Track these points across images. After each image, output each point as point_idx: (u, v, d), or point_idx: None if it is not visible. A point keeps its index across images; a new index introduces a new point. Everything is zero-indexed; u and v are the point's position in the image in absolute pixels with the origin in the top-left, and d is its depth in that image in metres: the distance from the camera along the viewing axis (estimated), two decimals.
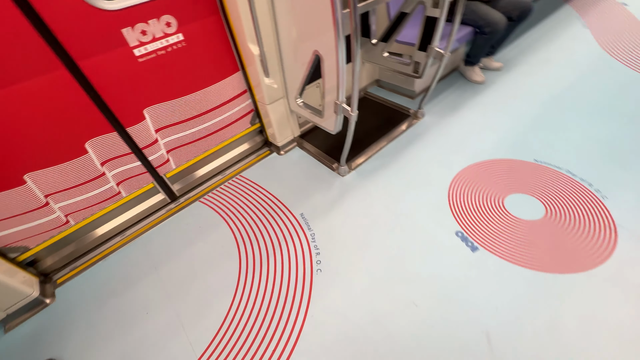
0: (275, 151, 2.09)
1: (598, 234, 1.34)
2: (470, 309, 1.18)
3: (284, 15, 1.44)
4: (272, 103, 1.79)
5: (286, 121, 1.96)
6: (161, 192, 1.79)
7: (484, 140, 1.88)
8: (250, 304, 1.32)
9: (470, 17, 2.04)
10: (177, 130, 1.67)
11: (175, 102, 1.58)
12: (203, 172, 1.93)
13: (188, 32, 1.44)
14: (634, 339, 1.04)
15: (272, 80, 1.71)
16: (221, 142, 1.92)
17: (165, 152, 1.69)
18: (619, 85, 2.13)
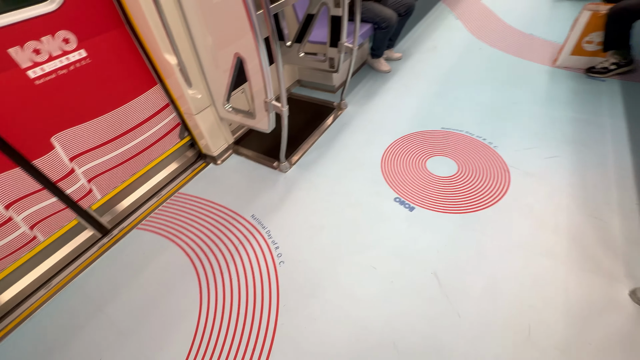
0: (212, 162, 2.04)
1: (497, 176, 1.66)
2: (419, 258, 1.36)
3: (198, 22, 1.44)
4: (199, 113, 1.76)
5: (218, 130, 1.94)
6: (89, 227, 1.60)
7: (400, 118, 2.15)
8: (219, 313, 1.29)
9: (368, 15, 2.31)
10: (96, 155, 1.53)
11: (88, 125, 1.44)
12: (135, 197, 1.78)
13: (91, 47, 1.33)
14: (535, 245, 1.33)
15: (195, 90, 1.69)
16: (150, 162, 1.80)
17: (86, 182, 1.52)
18: (488, 60, 2.65)
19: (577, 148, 1.74)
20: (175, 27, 1.45)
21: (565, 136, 1.82)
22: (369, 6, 2.31)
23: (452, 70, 2.61)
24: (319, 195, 1.71)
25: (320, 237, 1.50)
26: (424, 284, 1.27)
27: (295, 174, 1.87)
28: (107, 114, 1.49)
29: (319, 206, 1.65)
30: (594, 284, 1.19)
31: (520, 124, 1.96)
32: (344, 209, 1.61)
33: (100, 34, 1.36)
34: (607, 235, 1.33)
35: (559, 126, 1.90)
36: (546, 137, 1.84)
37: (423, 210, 1.55)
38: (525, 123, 1.96)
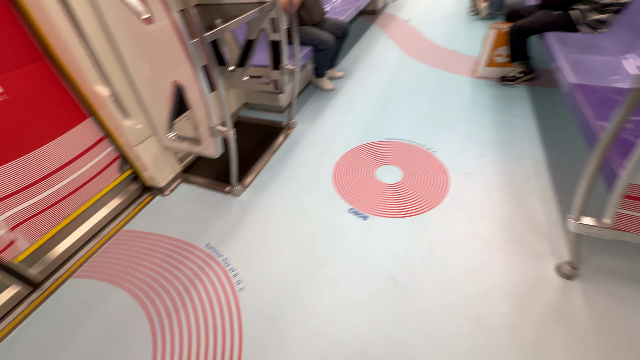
0: (159, 194, 1.93)
1: (438, 178, 1.81)
2: (377, 264, 1.41)
3: (131, 51, 1.40)
4: (140, 144, 1.68)
5: (163, 159, 1.86)
6: (13, 283, 1.40)
7: (348, 132, 2.26)
8: (176, 356, 1.19)
9: (306, 39, 2.43)
10: (19, 200, 1.37)
11: (7, 167, 1.29)
12: (71, 242, 1.61)
13: (8, 82, 1.22)
14: (476, 237, 1.46)
15: (134, 121, 1.61)
16: (86, 202, 1.66)
17: (8, 231, 1.35)
18: (419, 74, 2.93)
19: (500, 146, 1.97)
20: (105, 58, 1.39)
21: (490, 137, 2.06)
22: (307, 30, 2.44)
23: (390, 84, 2.82)
24: (274, 215, 1.70)
25: (279, 258, 1.48)
26: (383, 289, 1.32)
27: (250, 196, 1.84)
28: (30, 154, 1.35)
29: (276, 226, 1.64)
30: (527, 264, 1.34)
31: (453, 129, 2.18)
32: (301, 226, 1.62)
33: (19, 68, 1.26)
34: (532, 219, 1.51)
35: (484, 128, 2.14)
36: (475, 139, 2.06)
37: (376, 218, 1.63)
38: (457, 128, 2.18)
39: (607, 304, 1.18)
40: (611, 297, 1.20)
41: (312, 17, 2.45)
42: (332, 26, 2.61)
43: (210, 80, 1.35)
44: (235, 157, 1.69)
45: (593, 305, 1.18)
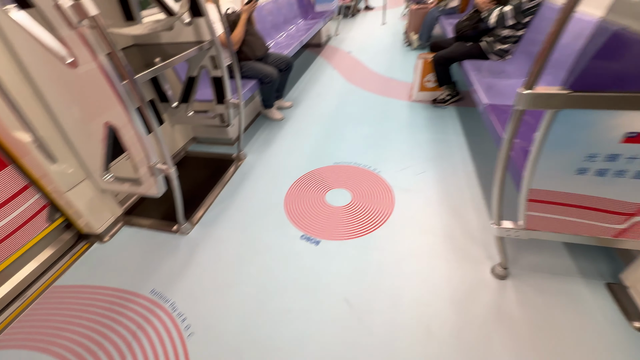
0: (97, 241, 1.79)
1: (384, 197, 1.91)
2: (329, 289, 1.42)
3: (57, 95, 1.34)
4: (71, 189, 1.57)
5: (100, 204, 1.74)
6: None
7: (298, 160, 2.32)
8: None
9: (250, 73, 2.52)
10: None
11: None
12: None
13: None
14: (421, 249, 1.55)
15: (63, 165, 1.51)
16: (8, 257, 1.48)
17: None
18: (362, 100, 3.14)
19: (437, 162, 2.15)
20: (26, 102, 1.32)
21: (427, 154, 2.25)
22: (250, 65, 2.53)
23: (336, 111, 2.98)
24: (225, 250, 1.66)
25: (230, 295, 1.43)
26: (337, 312, 1.32)
27: (199, 233, 1.78)
28: None
29: (227, 262, 1.59)
30: (466, 270, 1.44)
31: (395, 149, 2.34)
32: (253, 258, 1.59)
33: None
34: (468, 227, 1.65)
35: (422, 147, 2.33)
36: (414, 157, 2.23)
37: (328, 241, 1.65)
38: (398, 148, 2.35)
39: (536, 298, 1.30)
40: (538, 290, 1.32)
41: (254, 53, 2.55)
42: (276, 60, 2.74)
43: (146, 121, 1.34)
44: (179, 195, 1.64)
45: (524, 301, 1.29)
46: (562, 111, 0.87)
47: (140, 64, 1.64)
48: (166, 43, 1.95)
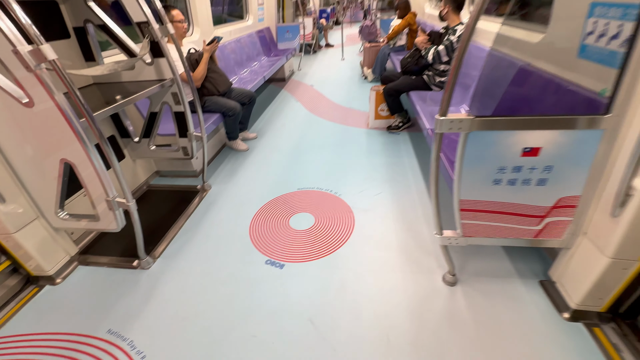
0: (48, 283, 1.69)
1: (345, 218, 2.02)
2: (294, 310, 1.45)
3: (8, 133, 1.34)
4: (20, 230, 1.51)
5: (53, 243, 1.67)
6: None
7: (262, 188, 2.39)
8: None
9: (214, 108, 2.62)
10: None
11: None
12: None
13: None
14: (379, 264, 1.64)
15: (12, 205, 1.47)
16: None
17: None
18: (324, 129, 3.34)
19: (392, 183, 2.33)
20: None
21: (383, 176, 2.42)
22: (214, 100, 2.64)
23: (299, 140, 3.14)
24: (188, 281, 1.64)
25: (193, 327, 1.41)
26: (302, 332, 1.35)
27: (161, 267, 1.75)
28: None
29: (190, 293, 1.57)
30: (421, 280, 1.54)
31: (354, 173, 2.50)
32: (217, 287, 1.59)
33: None
34: (421, 241, 1.78)
35: (378, 170, 2.51)
36: (372, 179, 2.39)
37: (292, 264, 1.70)
38: (357, 172, 2.51)
39: (481, 300, 1.42)
40: (483, 293, 1.45)
41: (217, 88, 2.68)
42: (239, 95, 2.88)
43: (105, 156, 1.36)
44: (139, 229, 1.63)
45: (472, 304, 1.41)
46: (472, 133, 1.05)
47: (100, 101, 1.69)
48: (127, 81, 2.02)
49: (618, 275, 1.13)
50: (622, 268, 1.11)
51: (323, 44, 8.46)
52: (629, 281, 1.14)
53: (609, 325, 1.28)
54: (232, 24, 4.65)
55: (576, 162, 1.08)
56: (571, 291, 1.29)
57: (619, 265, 1.11)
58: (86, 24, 1.82)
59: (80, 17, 1.80)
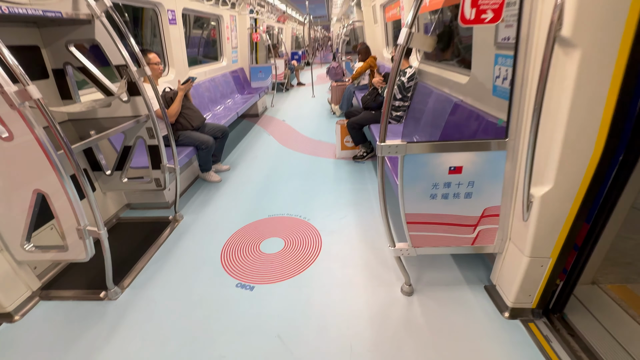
0: (5, 321, 1.63)
1: (313, 240, 2.14)
2: (264, 328, 1.51)
3: None
4: None
5: (14, 278, 1.65)
6: None
7: (235, 216, 2.48)
8: None
9: (188, 141, 2.75)
10: None
11: None
12: None
13: None
14: (344, 280, 1.76)
15: None
16: None
17: None
18: (295, 160, 3.54)
19: (357, 207, 2.51)
20: None
21: (348, 201, 2.61)
22: (188, 134, 2.78)
23: (271, 171, 3.30)
24: (157, 308, 1.66)
25: (161, 353, 1.42)
26: (270, 348, 1.41)
27: (129, 296, 1.75)
28: None
29: (159, 320, 1.59)
30: (382, 292, 1.67)
31: (321, 199, 2.67)
32: (187, 312, 1.62)
33: None
34: (382, 257, 1.94)
35: (344, 195, 2.71)
36: (338, 204, 2.57)
37: (262, 286, 1.78)
38: (324, 198, 2.68)
39: (435, 307, 1.57)
40: (436, 301, 1.60)
41: (191, 123, 2.83)
42: (212, 129, 3.05)
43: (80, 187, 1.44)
44: (109, 257, 1.66)
45: (427, 311, 1.55)
46: (407, 155, 1.27)
47: (74, 137, 1.78)
48: (102, 117, 2.13)
49: (538, 271, 1.34)
50: (539, 265, 1.32)
51: (295, 82, 9.01)
52: (547, 277, 1.34)
53: (541, 320, 1.46)
54: (206, 65, 4.96)
55: (492, 178, 1.32)
56: (507, 291, 1.48)
57: (536, 263, 1.32)
58: (65, 66, 1.96)
59: (61, 60, 1.94)
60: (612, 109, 0.99)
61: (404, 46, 1.08)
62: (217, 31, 5.12)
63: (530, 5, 1.03)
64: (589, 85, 0.96)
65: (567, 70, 0.96)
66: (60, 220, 1.48)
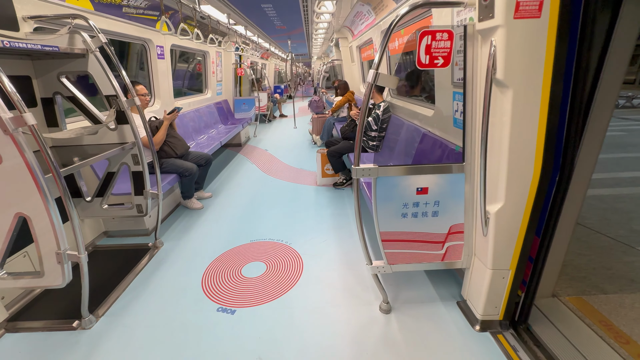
0: None
1: (294, 263, 2.19)
2: (245, 349, 1.51)
3: None
4: None
5: None
6: None
7: (216, 242, 2.49)
8: None
9: (171, 169, 2.81)
10: None
11: None
12: None
13: None
14: (325, 300, 1.80)
15: None
16: None
17: None
18: (277, 187, 3.64)
19: (337, 231, 2.61)
20: None
21: (329, 225, 2.70)
22: (172, 162, 2.84)
23: (253, 198, 3.37)
24: (134, 336, 1.62)
25: None
26: None
27: (104, 325, 1.70)
28: None
29: (134, 348, 1.55)
30: (361, 311, 1.73)
31: (303, 224, 2.74)
32: (166, 339, 1.59)
33: None
34: (361, 277, 2.01)
35: (325, 220, 2.80)
36: (319, 229, 2.65)
37: (243, 309, 1.78)
38: (306, 223, 2.76)
39: (411, 323, 1.64)
40: (413, 317, 1.67)
41: (175, 151, 2.91)
42: (196, 157, 3.12)
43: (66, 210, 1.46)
44: (87, 283, 1.63)
45: (404, 327, 1.61)
46: (378, 178, 1.41)
47: (58, 163, 1.81)
48: (87, 145, 2.17)
49: (500, 283, 1.46)
50: (501, 277, 1.45)
51: (277, 114, 9.34)
52: (509, 288, 1.47)
53: (509, 331, 1.56)
54: (191, 96, 5.12)
55: (455, 197, 1.48)
56: (475, 304, 1.58)
57: (498, 275, 1.44)
58: (55, 95, 2.03)
59: (51, 90, 2.01)
60: (544, 136, 1.19)
61: (371, 84, 1.27)
62: (202, 65, 5.36)
63: (472, 53, 1.26)
64: (522, 117, 1.17)
65: (505, 106, 1.17)
66: (39, 244, 1.47)
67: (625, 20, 1.12)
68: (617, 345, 1.45)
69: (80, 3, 2.27)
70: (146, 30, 3.19)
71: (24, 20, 1.85)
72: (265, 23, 6.15)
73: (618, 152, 4.64)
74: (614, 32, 1.13)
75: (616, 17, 1.12)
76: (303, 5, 4.71)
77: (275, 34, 7.72)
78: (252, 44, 7.73)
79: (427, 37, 1.22)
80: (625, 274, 1.94)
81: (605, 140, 1.31)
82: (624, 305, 1.70)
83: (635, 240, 2.28)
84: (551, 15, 1.03)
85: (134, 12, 2.90)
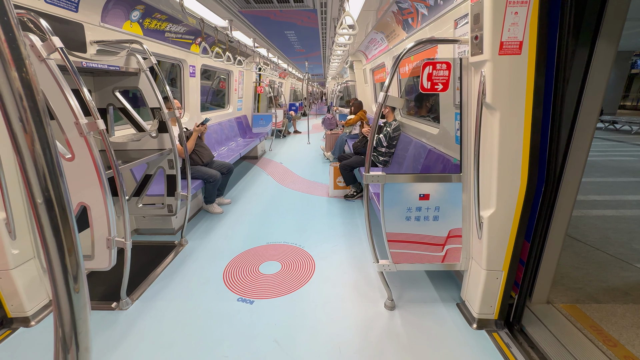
0: (22, 325, 1.77)
1: (307, 264, 2.38)
2: (262, 334, 1.69)
3: None
4: (19, 266, 1.70)
5: (39, 284, 1.83)
6: None
7: (235, 243, 2.72)
8: None
9: (198, 174, 3.09)
10: None
11: None
12: None
13: None
14: (335, 297, 1.98)
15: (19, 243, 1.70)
16: None
17: None
18: (291, 198, 3.87)
19: (346, 238, 2.80)
20: (11, 184, 1.62)
21: (339, 232, 2.89)
22: (198, 168, 3.13)
23: (269, 206, 3.60)
24: (165, 318, 1.83)
25: (169, 354, 1.58)
26: (268, 350, 1.59)
27: (139, 308, 1.92)
28: None
29: (166, 328, 1.76)
30: (368, 308, 1.89)
31: (316, 231, 2.95)
32: (192, 321, 1.80)
33: None
34: (369, 278, 2.18)
35: (336, 228, 3.00)
36: (330, 235, 2.85)
37: (261, 300, 1.98)
38: (318, 230, 2.96)
39: (414, 320, 1.79)
40: (415, 315, 1.83)
41: (202, 159, 3.20)
42: (219, 166, 3.41)
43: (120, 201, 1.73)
44: (128, 268, 1.87)
45: (406, 323, 1.77)
46: (386, 184, 1.63)
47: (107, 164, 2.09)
48: (131, 149, 2.47)
49: (495, 283, 1.62)
50: (495, 277, 1.61)
51: (292, 130, 9.73)
52: (503, 288, 1.62)
53: (504, 330, 1.70)
54: (214, 111, 5.52)
55: (453, 204, 1.67)
56: (472, 304, 1.73)
57: (492, 275, 1.61)
58: (108, 107, 2.36)
59: (105, 102, 2.35)
60: (528, 151, 1.39)
61: (381, 104, 1.51)
62: (226, 83, 5.79)
63: (467, 81, 1.49)
64: (509, 135, 1.38)
65: (493, 126, 1.38)
66: (94, 230, 1.73)
67: (599, 55, 1.34)
68: (605, 347, 1.57)
69: (133, 29, 2.65)
70: (183, 52, 3.59)
71: (90, 44, 2.21)
72: (285, 47, 6.61)
73: (627, 176, 4.70)
74: (590, 66, 1.35)
75: (592, 52, 1.33)
76: (322, 32, 5.11)
77: (294, 55, 8.21)
78: (271, 64, 8.23)
79: (429, 67, 1.46)
80: (620, 287, 2.05)
81: (615, 165, 1.51)
82: (615, 314, 1.81)
83: (634, 258, 2.38)
84: (529, 53, 1.26)
85: (174, 36, 3.29)
